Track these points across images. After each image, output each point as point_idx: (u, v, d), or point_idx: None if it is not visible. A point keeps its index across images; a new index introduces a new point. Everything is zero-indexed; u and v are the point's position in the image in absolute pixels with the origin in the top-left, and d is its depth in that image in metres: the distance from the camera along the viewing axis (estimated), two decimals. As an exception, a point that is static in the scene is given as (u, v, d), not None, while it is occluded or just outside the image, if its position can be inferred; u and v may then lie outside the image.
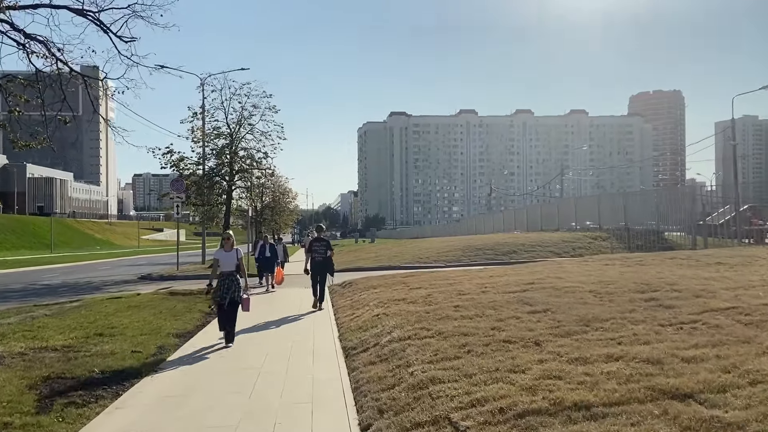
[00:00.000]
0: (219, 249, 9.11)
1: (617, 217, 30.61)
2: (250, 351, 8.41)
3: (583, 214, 33.80)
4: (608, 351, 5.66)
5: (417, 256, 26.28)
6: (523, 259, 24.28)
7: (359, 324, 9.30)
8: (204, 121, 28.83)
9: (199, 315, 12.00)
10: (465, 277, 13.20)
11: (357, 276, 19.93)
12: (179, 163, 27.72)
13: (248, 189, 29.78)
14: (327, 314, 11.73)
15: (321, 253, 12.73)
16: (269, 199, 54.63)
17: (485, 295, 9.81)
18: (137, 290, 19.52)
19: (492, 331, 6.99)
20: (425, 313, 8.63)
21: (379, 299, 11.06)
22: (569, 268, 13.43)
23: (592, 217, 32.58)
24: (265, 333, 10.06)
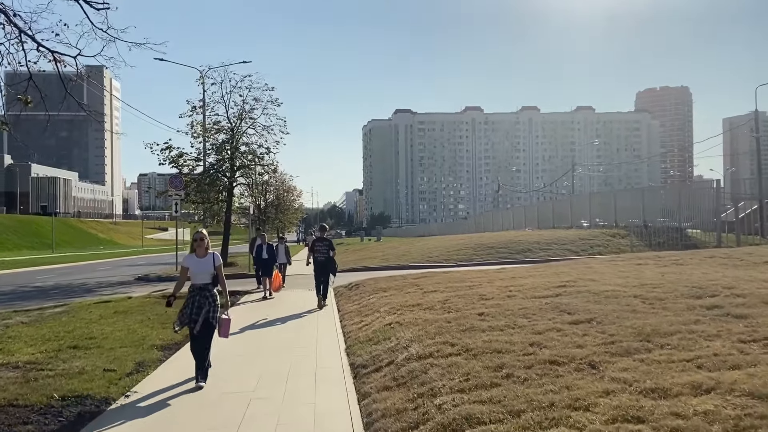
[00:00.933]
0: (190, 253, 6.81)
1: (634, 213, 29.34)
2: (240, 370, 7.21)
3: (598, 210, 32.50)
4: (691, 378, 4.42)
5: (426, 255, 25.06)
6: (539, 258, 23.05)
7: (369, 335, 8.09)
8: (204, 115, 27.68)
9: (191, 322, 10.83)
10: (484, 279, 11.97)
11: (364, 276, 18.74)
12: (178, 159, 26.57)
13: (250, 186, 28.55)
14: (332, 321, 10.54)
15: (323, 252, 12.84)
16: (273, 196, 53.52)
17: (512, 301, 8.58)
18: (132, 292, 18.41)
19: (531, 348, 5.77)
20: (446, 323, 7.41)
21: (391, 305, 9.85)
22: (599, 268, 12.18)
23: (608, 213, 31.29)
24: (260, 345, 8.86)
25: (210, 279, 6.65)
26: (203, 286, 6.61)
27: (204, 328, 6.52)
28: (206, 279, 6.62)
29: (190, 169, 26.72)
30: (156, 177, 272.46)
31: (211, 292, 6.63)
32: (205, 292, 6.59)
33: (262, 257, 15.38)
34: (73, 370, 6.97)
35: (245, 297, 14.52)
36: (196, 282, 6.65)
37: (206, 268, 6.64)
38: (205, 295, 6.59)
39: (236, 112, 27.44)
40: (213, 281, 6.68)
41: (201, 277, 6.63)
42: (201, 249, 6.70)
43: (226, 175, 27.30)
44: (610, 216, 31.10)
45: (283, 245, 16.83)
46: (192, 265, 6.68)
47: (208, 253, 6.74)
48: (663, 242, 24.67)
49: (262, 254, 15.39)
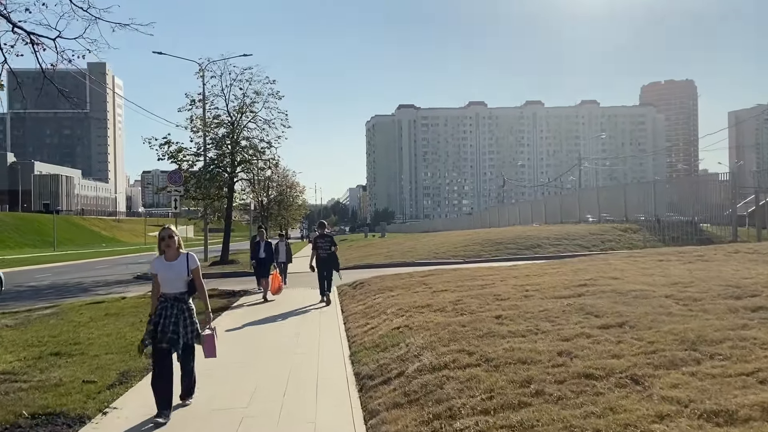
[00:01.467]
0: (158, 256, 5.50)
1: (642, 208, 28.61)
2: (234, 380, 6.55)
3: (606, 204, 31.74)
4: (759, 398, 3.74)
5: (432, 252, 24.36)
6: (549, 254, 22.34)
7: (376, 339, 7.41)
8: (204, 109, 27.04)
9: (185, 325, 10.19)
10: (496, 277, 11.28)
11: (368, 274, 18.07)
12: (177, 154, 25.94)
13: (251, 181, 27.89)
14: (335, 323, 9.86)
15: (325, 249, 12.88)
16: (275, 192, 52.95)
17: (531, 302, 7.89)
18: (128, 292, 17.80)
19: (560, 358, 5.08)
20: (460, 327, 6.73)
21: (398, 306, 9.17)
22: (619, 265, 11.47)
23: (616, 207, 30.54)
24: (257, 351, 8.20)
25: (184, 286, 5.36)
26: (177, 296, 5.33)
27: (185, 352, 5.37)
28: (179, 287, 5.33)
29: (190, 165, 26.09)
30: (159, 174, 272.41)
31: (187, 304, 5.38)
32: (179, 303, 5.32)
33: (259, 256, 14.06)
34: (50, 382, 6.32)
35: (243, 299, 13.79)
36: (167, 291, 5.34)
37: (179, 273, 5.32)
38: (179, 307, 5.30)
39: (236, 106, 26.84)
40: (189, 289, 5.40)
41: (173, 285, 5.33)
42: (171, 250, 5.37)
43: (226, 170, 26.66)
44: (616, 210, 30.38)
45: (285, 243, 16.05)
46: (161, 270, 5.36)
47: (181, 254, 5.41)
48: (677, 237, 23.95)
49: (259, 253, 14.06)
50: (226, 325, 10.29)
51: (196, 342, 5.45)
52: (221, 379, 6.54)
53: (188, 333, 5.34)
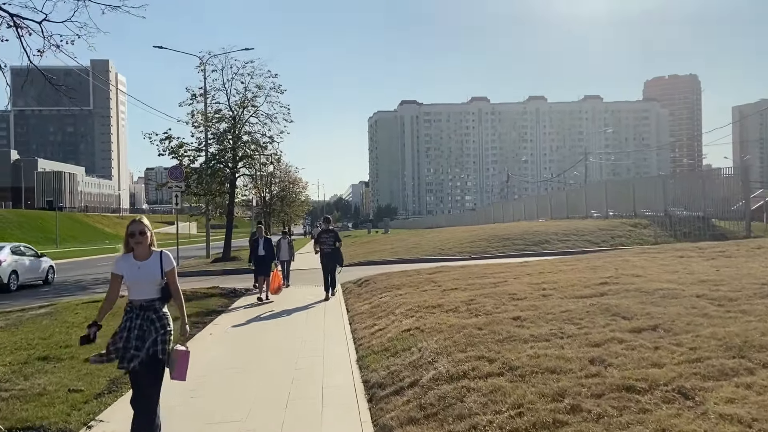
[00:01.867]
0: (124, 254, 4.40)
1: (654, 203, 28.03)
2: (231, 389, 6.06)
3: (614, 199, 31.15)
4: (836, 418, 3.22)
5: (438, 248, 23.84)
6: (558, 250, 21.83)
7: (385, 343, 6.91)
8: (206, 103, 26.53)
9: (182, 326, 9.72)
10: (508, 274, 10.77)
11: (373, 271, 17.59)
12: (178, 150, 25.44)
13: (253, 177, 27.38)
14: (341, 324, 9.36)
15: (330, 244, 12.99)
16: (278, 188, 52.43)
17: (550, 301, 7.38)
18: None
19: (594, 367, 4.57)
20: (477, 330, 6.22)
21: (407, 305, 8.67)
22: (637, 261, 10.94)
23: (624, 203, 29.94)
24: (256, 355, 7.72)
25: (157, 292, 4.32)
26: (147, 303, 4.29)
27: (148, 366, 4.12)
28: (151, 292, 4.30)
29: (191, 160, 25.60)
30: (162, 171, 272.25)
31: (159, 313, 4.31)
32: (149, 312, 4.27)
33: (258, 254, 13.11)
34: (33, 390, 5.84)
35: (242, 299, 13.21)
36: (135, 297, 4.33)
37: (150, 275, 4.27)
38: (149, 317, 4.25)
39: (238, 100, 26.30)
40: (162, 295, 4.35)
41: (142, 290, 4.29)
42: (141, 248, 4.28)
43: (228, 165, 26.16)
44: (624, 206, 29.79)
45: (287, 240, 15.59)
46: (127, 271, 4.30)
47: (153, 252, 4.35)
48: (688, 232, 23.38)
49: (258, 250, 13.11)
50: (225, 326, 9.82)
51: (163, 357, 4.18)
52: (217, 386, 6.06)
53: (157, 345, 4.17)
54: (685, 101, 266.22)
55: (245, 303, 12.48)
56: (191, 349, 4.49)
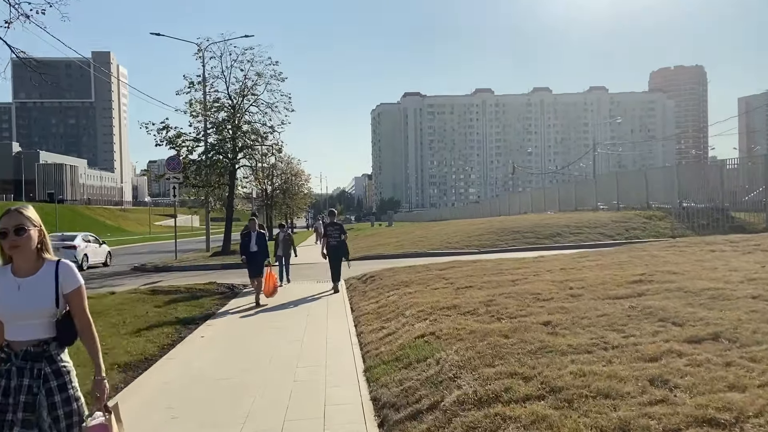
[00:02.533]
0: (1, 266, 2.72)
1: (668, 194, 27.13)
2: (219, 406, 5.24)
3: (626, 191, 30.24)
4: None
5: (445, 241, 23.00)
6: (571, 243, 20.97)
7: (395, 351, 6.08)
8: (205, 92, 25.67)
9: (172, 328, 8.90)
10: (527, 270, 9.93)
11: (378, 265, 16.76)
12: (176, 140, 24.62)
13: (253, 168, 26.54)
14: (345, 325, 8.54)
15: (335, 237, 12.95)
16: (280, 181, 51.58)
17: (582, 303, 6.53)
18: (121, 285, 16.60)
19: (656, 390, 3.72)
20: (502, 338, 5.38)
21: (419, 306, 7.83)
22: (667, 256, 10.07)
23: (637, 194, 29.04)
24: (250, 362, 6.90)
25: (48, 330, 2.65)
26: (35, 349, 2.62)
27: None
28: (38, 330, 2.64)
29: (189, 151, 24.78)
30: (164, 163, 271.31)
31: (55, 365, 2.64)
32: (38, 364, 2.60)
33: (250, 250, 11.65)
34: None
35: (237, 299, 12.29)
36: (14, 338, 2.64)
37: (37, 301, 2.65)
38: (39, 372, 2.59)
39: (237, 89, 25.45)
40: (60, 334, 2.67)
41: (25, 326, 2.64)
42: (22, 255, 2.68)
43: (227, 156, 25.32)
44: (634, 198, 28.92)
45: (284, 234, 14.76)
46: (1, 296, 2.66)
47: (45, 262, 2.73)
48: (706, 224, 22.48)
49: (250, 246, 11.65)
50: (218, 327, 9.01)
51: None
52: (203, 403, 5.24)
53: (59, 425, 2.56)
54: (691, 92, 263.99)
55: (242, 303, 11.65)
56: (178, 356, 3.67)
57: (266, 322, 9.31)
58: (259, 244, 11.78)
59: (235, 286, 13.67)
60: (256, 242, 11.76)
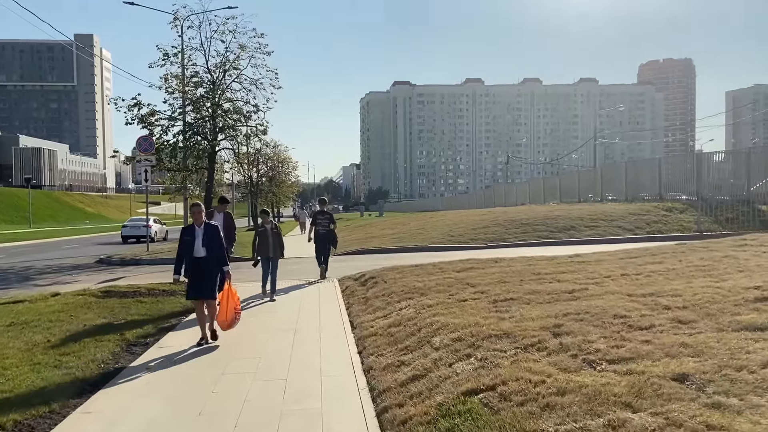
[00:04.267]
0: None
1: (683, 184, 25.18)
2: None
3: (635, 181, 28.26)
4: None
5: (446, 234, 20.79)
6: (587, 238, 18.89)
7: (433, 418, 3.81)
8: (183, 66, 23.09)
9: (111, 351, 6.60)
10: (577, 276, 7.74)
11: (375, 262, 14.56)
12: (149, 118, 22.04)
13: (235, 151, 24.00)
14: (347, 355, 6.23)
15: (324, 225, 12.84)
16: (266, 167, 49.01)
17: (707, 336, 4.33)
18: (73, 282, 14.29)
19: None
20: (628, 413, 3.16)
21: (449, 328, 5.58)
22: (752, 259, 7.91)
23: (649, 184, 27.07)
24: (213, 414, 4.61)
25: None
26: None
27: None
28: None
29: (163, 130, 22.21)
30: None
31: None
32: None
33: (194, 255, 6.99)
34: None
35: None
36: None
37: None
38: None
39: (218, 63, 22.87)
40: None
41: None
42: None
43: (207, 137, 22.80)
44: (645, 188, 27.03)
45: (271, 227, 10.34)
46: None
47: None
48: (732, 218, 20.53)
49: (194, 247, 6.98)
50: (174, 349, 6.69)
51: None
52: None
53: None
54: (679, 85, 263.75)
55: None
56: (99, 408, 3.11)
57: (237, 348, 7.01)
58: (209, 243, 6.99)
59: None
60: (205, 242, 6.98)
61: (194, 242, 7.01)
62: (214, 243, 7.04)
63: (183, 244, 7.07)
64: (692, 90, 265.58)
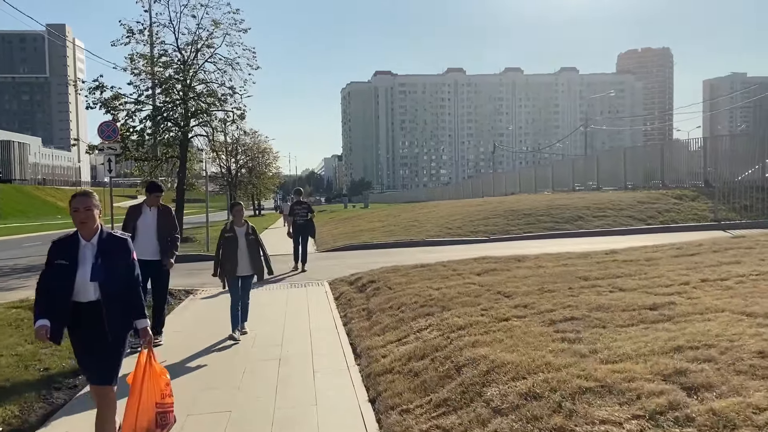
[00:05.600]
0: None
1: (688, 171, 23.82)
2: None
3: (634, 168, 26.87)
4: None
5: (443, 226, 19.04)
6: (597, 229, 17.31)
7: None
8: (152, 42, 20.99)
9: (34, 390, 4.72)
10: (638, 280, 6.03)
11: (369, 258, 12.81)
12: (112, 102, 19.93)
13: (210, 139, 21.94)
14: (358, 416, 4.47)
15: (302, 215, 12.77)
16: (245, 157, 46.79)
17: None
18: (22, 287, 12.17)
19: None
20: None
21: (504, 370, 3.81)
22: None
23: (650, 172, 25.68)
24: None
25: None
26: None
27: None
28: None
29: (128, 115, 20.11)
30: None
31: None
32: None
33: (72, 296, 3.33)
34: None
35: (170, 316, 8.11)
36: None
37: None
38: None
39: (189, 41, 20.81)
40: None
41: None
42: None
43: (178, 123, 20.75)
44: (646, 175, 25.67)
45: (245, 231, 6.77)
46: None
47: None
48: (749, 206, 19.11)
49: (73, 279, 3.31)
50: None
51: None
52: None
53: None
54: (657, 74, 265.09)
55: (174, 325, 7.49)
56: None
57: (203, 394, 5.19)
58: (110, 275, 3.37)
59: (173, 293, 9.38)
60: (101, 270, 3.34)
61: (74, 271, 3.33)
62: (120, 273, 3.40)
63: (49, 275, 3.39)
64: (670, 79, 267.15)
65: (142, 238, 6.29)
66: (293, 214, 12.85)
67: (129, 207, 6.71)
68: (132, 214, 6.55)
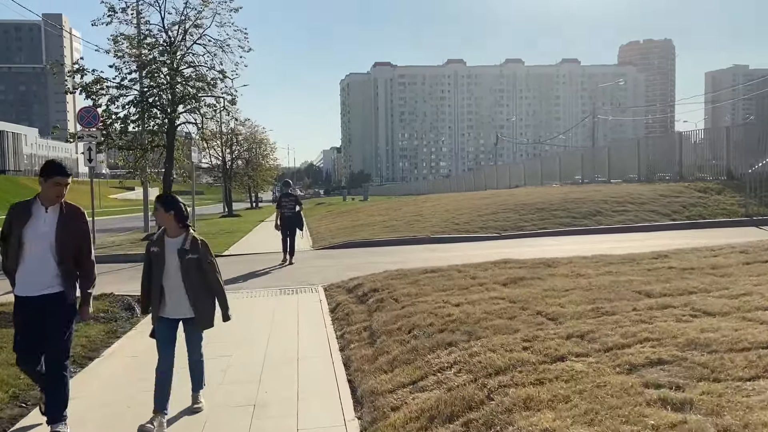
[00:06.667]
0: None
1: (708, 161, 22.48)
2: None
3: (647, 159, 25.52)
4: None
5: (449, 221, 17.60)
6: (618, 224, 15.91)
7: None
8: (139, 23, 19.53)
9: None
10: (718, 297, 4.63)
11: (368, 258, 11.44)
12: (93, 87, 18.45)
13: (198, 126, 20.47)
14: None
15: (290, 208, 12.69)
16: (242, 149, 45.18)
17: None
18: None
19: None
20: None
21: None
22: None
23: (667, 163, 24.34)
24: None
25: None
26: None
27: None
28: None
29: (111, 101, 18.62)
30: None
31: None
32: None
33: None
34: None
35: (117, 346, 6.72)
36: None
37: None
38: None
39: (176, 20, 19.30)
40: None
41: None
42: None
43: (165, 109, 19.28)
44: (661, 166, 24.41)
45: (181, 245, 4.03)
46: None
47: None
48: (779, 199, 17.67)
49: None
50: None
51: None
52: None
53: None
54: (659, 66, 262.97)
55: (131, 349, 6.07)
56: None
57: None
58: None
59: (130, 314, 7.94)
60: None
61: None
62: None
63: None
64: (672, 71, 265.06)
65: (30, 259, 3.65)
66: (281, 207, 12.71)
67: (11, 206, 3.91)
68: (15, 218, 3.77)
